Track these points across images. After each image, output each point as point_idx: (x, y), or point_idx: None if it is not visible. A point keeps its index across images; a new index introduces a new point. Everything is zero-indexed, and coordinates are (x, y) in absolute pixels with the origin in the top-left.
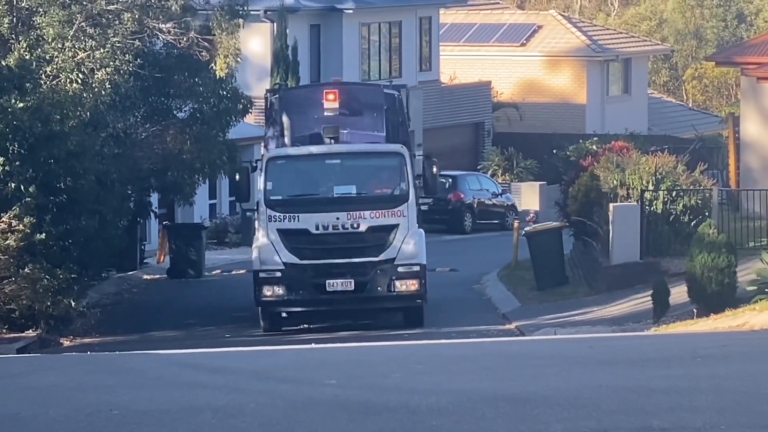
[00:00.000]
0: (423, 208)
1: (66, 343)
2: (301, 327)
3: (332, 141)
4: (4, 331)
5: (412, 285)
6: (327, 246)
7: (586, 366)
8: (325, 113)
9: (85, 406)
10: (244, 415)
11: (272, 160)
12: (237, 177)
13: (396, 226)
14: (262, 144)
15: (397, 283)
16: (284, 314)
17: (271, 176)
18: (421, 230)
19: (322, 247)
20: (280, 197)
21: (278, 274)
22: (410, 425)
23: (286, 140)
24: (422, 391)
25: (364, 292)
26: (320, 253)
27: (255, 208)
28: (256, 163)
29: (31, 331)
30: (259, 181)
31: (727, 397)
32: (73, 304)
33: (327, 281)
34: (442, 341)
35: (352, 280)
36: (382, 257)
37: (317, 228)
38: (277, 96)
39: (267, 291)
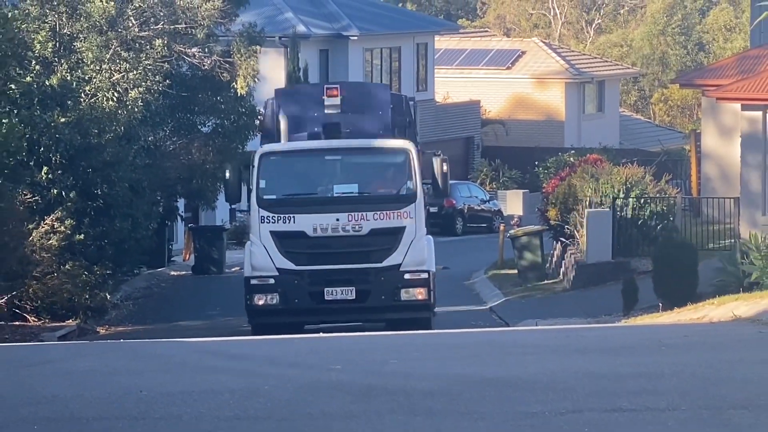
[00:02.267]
0: (432, 210)
1: (102, 331)
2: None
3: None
4: (47, 320)
5: (419, 294)
6: (326, 250)
7: (563, 354)
8: (326, 111)
9: (118, 388)
10: (259, 396)
11: (265, 155)
12: (227, 175)
13: (402, 229)
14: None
15: (403, 291)
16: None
17: (264, 174)
18: (430, 236)
19: (320, 251)
20: (274, 197)
21: (271, 281)
22: (407, 406)
23: (282, 140)
24: (417, 375)
25: (366, 302)
26: (318, 258)
27: (247, 209)
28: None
29: (71, 320)
30: (252, 179)
31: (689, 382)
32: (108, 297)
33: (325, 289)
34: (435, 331)
35: (354, 288)
36: (386, 263)
37: (315, 230)
38: (273, 97)
39: (259, 300)
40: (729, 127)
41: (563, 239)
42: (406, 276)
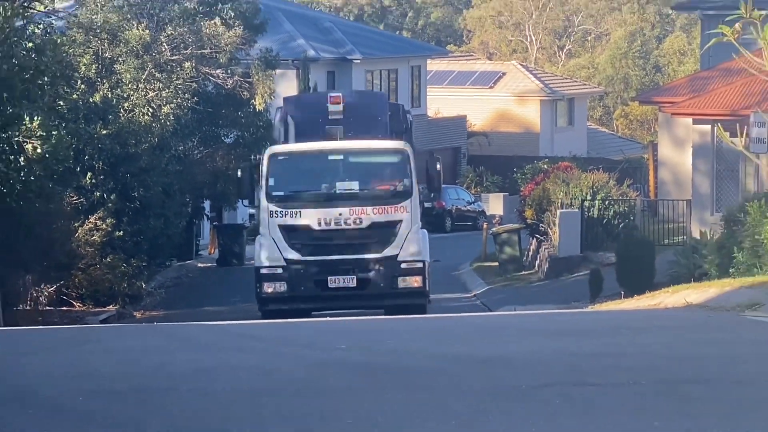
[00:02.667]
0: (426, 205)
1: (138, 315)
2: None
3: None
4: (91, 306)
5: (415, 282)
6: (329, 242)
7: (538, 335)
8: (330, 117)
9: (152, 364)
10: (274, 372)
11: (274, 155)
12: (239, 174)
13: (399, 222)
14: None
15: (400, 279)
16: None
17: (272, 172)
18: (425, 230)
19: (324, 243)
20: (281, 193)
21: (280, 270)
22: (402, 380)
23: (290, 142)
24: (411, 354)
25: (366, 289)
26: (322, 249)
27: (256, 205)
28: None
29: (111, 306)
30: (261, 178)
31: (647, 360)
32: (143, 285)
33: (329, 278)
34: (428, 316)
35: (355, 277)
36: (384, 254)
37: (319, 224)
38: (282, 105)
39: (268, 288)
40: (682, 139)
41: (538, 236)
42: (403, 265)
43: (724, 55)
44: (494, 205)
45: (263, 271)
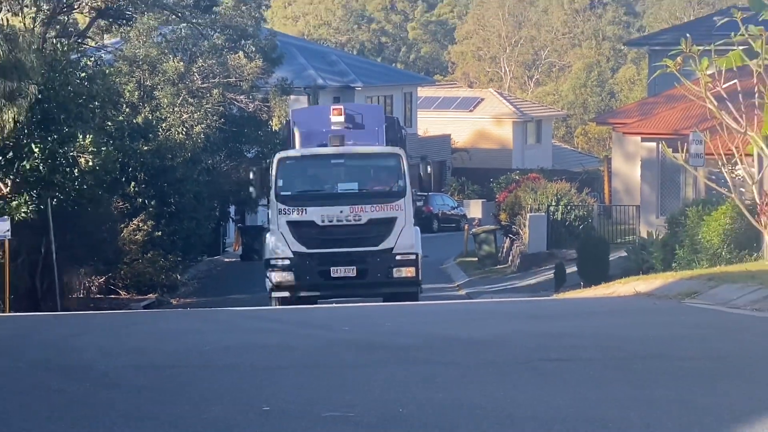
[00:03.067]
0: (419, 203)
1: (174, 302)
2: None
3: None
4: (134, 294)
5: (408, 272)
6: (332, 237)
7: (512, 319)
8: (332, 127)
9: (186, 343)
10: (291, 349)
11: (282, 159)
12: (251, 176)
13: (394, 219)
14: None
15: (395, 270)
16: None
17: (281, 174)
18: (417, 227)
19: (327, 237)
20: (289, 193)
21: (287, 262)
22: (399, 357)
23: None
24: (405, 334)
25: (365, 278)
26: (325, 243)
27: (266, 204)
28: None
29: (151, 294)
30: (271, 179)
31: (603, 339)
32: (179, 277)
33: (331, 268)
34: (419, 303)
35: (354, 268)
36: (381, 247)
37: (323, 220)
38: (290, 117)
39: (277, 277)
40: (632, 154)
41: (511, 235)
42: (398, 257)
43: (667, 83)
44: (474, 209)
45: (273, 262)
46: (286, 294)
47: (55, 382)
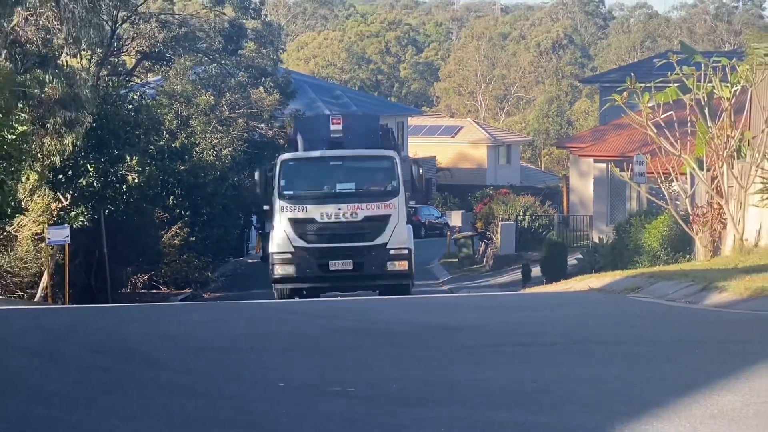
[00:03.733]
0: (411, 203)
1: (206, 296)
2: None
3: None
4: (173, 289)
5: (401, 265)
6: (330, 232)
7: (486, 310)
8: (332, 135)
9: (216, 331)
10: (303, 335)
11: (285, 161)
12: (256, 176)
13: (388, 216)
14: None
15: (389, 263)
16: (295, 293)
17: (283, 175)
18: (410, 225)
19: (325, 233)
20: (291, 192)
21: (289, 255)
22: (391, 341)
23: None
24: (397, 322)
25: (361, 271)
26: (324, 238)
27: (270, 203)
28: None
29: (187, 289)
30: (274, 180)
31: (563, 327)
32: (210, 275)
33: (330, 262)
34: (408, 296)
35: (351, 261)
36: (376, 242)
37: (322, 217)
38: (293, 126)
39: (280, 270)
40: (586, 173)
41: (486, 240)
42: (392, 252)
43: (615, 114)
44: (455, 219)
45: (275, 256)
46: (288, 285)
47: (105, 363)
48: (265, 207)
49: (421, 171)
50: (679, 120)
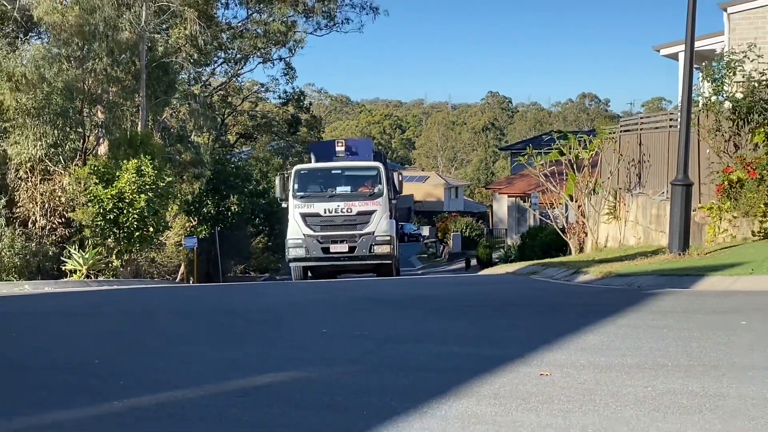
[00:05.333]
0: (393, 202)
1: (277, 278)
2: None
3: None
4: (258, 274)
5: (385, 248)
6: (331, 223)
7: (445, 285)
8: (337, 155)
9: (279, 297)
10: (325, 302)
11: (298, 170)
12: (277, 181)
13: (374, 211)
14: None
15: (375, 247)
16: (309, 273)
17: (297, 180)
18: (393, 220)
19: (328, 224)
20: (302, 193)
21: (300, 241)
22: (388, 305)
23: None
24: (393, 294)
25: (354, 253)
26: (327, 228)
27: (285, 202)
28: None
29: (266, 274)
30: (289, 184)
31: (491, 296)
32: (280, 266)
33: (330, 245)
34: (399, 277)
35: (347, 245)
36: (366, 231)
37: (325, 212)
38: (309, 150)
39: (293, 252)
40: (503, 203)
41: (444, 243)
42: (377, 238)
43: (520, 168)
44: (425, 231)
45: (290, 241)
46: (300, 264)
47: (220, 319)
48: (283, 204)
49: (400, 178)
50: (559, 171)
